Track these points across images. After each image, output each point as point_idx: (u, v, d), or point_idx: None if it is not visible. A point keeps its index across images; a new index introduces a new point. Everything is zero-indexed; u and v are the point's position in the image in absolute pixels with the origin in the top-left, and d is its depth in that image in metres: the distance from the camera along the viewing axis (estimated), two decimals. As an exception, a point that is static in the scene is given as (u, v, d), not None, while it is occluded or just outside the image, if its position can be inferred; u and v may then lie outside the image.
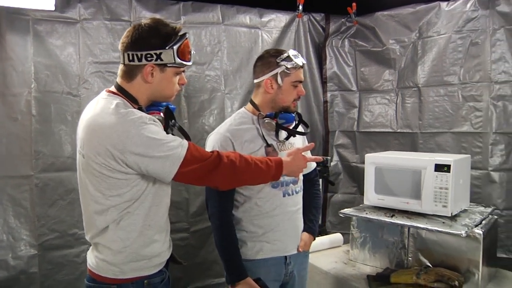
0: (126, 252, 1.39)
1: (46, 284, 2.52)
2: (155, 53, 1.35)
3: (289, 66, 1.68)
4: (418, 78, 2.88)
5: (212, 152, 1.41)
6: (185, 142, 1.35)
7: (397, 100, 3.02)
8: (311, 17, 3.27)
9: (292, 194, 1.80)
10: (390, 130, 3.05)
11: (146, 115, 1.35)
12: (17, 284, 2.45)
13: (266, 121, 1.74)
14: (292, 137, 1.80)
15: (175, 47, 1.36)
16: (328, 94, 3.31)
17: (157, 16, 2.74)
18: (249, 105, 1.83)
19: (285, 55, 1.70)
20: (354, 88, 3.25)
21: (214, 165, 1.38)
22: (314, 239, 1.94)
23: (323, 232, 3.10)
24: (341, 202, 3.27)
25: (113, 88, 1.43)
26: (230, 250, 1.71)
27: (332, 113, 3.32)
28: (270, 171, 1.50)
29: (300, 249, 1.85)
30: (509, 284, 1.99)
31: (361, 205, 2.32)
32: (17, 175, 2.46)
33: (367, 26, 3.14)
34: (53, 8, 2.48)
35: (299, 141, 1.88)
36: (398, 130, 3.01)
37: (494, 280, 2.03)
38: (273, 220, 1.75)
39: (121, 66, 1.42)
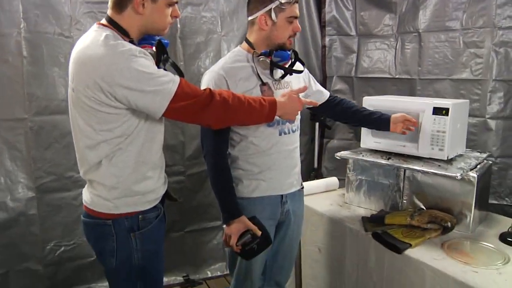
0: (120, 188, 1.40)
1: (46, 225, 2.56)
2: None
3: (283, 1, 1.64)
4: (419, 23, 2.81)
5: (205, 89, 1.38)
6: (177, 78, 1.33)
7: (396, 45, 2.96)
8: (311, -42, 3.14)
9: (289, 132, 1.80)
10: (389, 76, 3.01)
11: (137, 47, 1.32)
12: (17, 225, 2.49)
13: (261, 59, 1.70)
14: (288, 75, 1.78)
15: None
16: (327, 39, 3.24)
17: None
18: (244, 44, 1.78)
19: None
20: (353, 32, 3.17)
21: (206, 102, 1.36)
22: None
23: (318, 176, 3.15)
24: (337, 148, 3.25)
25: (103, 21, 1.39)
26: (224, 188, 1.72)
27: (330, 58, 3.27)
28: (263, 111, 1.49)
29: (411, 129, 1.94)
30: (498, 225, 2.04)
31: (358, 148, 2.33)
32: (11, 118, 2.43)
33: (368, -33, 3.02)
34: None
35: (296, 80, 1.85)
36: (397, 76, 2.97)
37: (485, 222, 2.08)
38: (269, 158, 1.76)
39: None
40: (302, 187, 1.97)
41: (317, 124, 3.15)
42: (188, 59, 2.81)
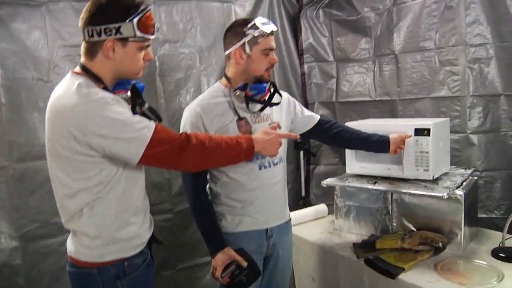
0: (103, 236, 1.38)
1: (32, 275, 2.47)
2: (114, 27, 1.30)
3: (256, 34, 1.65)
4: (395, 45, 2.86)
5: (181, 134, 1.38)
6: (152, 124, 1.32)
7: (374, 68, 3.01)
8: (284, -12, 3.21)
9: (269, 166, 1.79)
10: (369, 99, 3.04)
11: (110, 95, 1.31)
12: (1, 277, 2.40)
13: (237, 93, 1.70)
14: (268, 107, 1.77)
15: (135, 20, 1.31)
16: (305, 66, 3.28)
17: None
18: (223, 79, 1.79)
19: (252, 23, 1.66)
20: (331, 58, 3.22)
21: (182, 147, 1.34)
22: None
23: (307, 204, 3.12)
24: (324, 174, 3.26)
25: (77, 69, 1.39)
26: (207, 222, 1.71)
27: (310, 85, 3.30)
28: (241, 151, 1.47)
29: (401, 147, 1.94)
30: (489, 240, 2.04)
31: (343, 174, 2.33)
32: (-9, 167, 2.38)
33: (341, -6, 3.09)
34: (14, -10, 2.38)
35: (277, 111, 1.85)
36: (377, 98, 3.01)
37: (476, 239, 2.07)
38: (251, 193, 1.74)
39: (83, 44, 1.37)
40: (289, 219, 1.95)
41: (301, 152, 3.14)
42: (169, 96, 2.81)
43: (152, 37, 1.38)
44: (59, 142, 1.29)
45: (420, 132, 1.97)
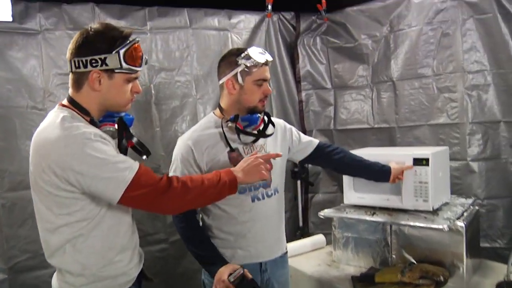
0: (87, 274, 1.32)
1: (19, 308, 2.40)
2: (100, 58, 1.28)
3: (248, 65, 1.61)
4: (392, 72, 2.85)
5: (162, 177, 1.31)
6: (135, 165, 1.27)
7: (372, 95, 2.99)
8: (281, 16, 3.21)
9: (263, 198, 1.73)
10: (367, 126, 3.01)
11: (93, 130, 1.27)
12: (-13, 312, 2.33)
13: (229, 125, 1.66)
14: (262, 138, 1.73)
15: (121, 51, 1.29)
16: (303, 94, 3.26)
17: (122, 23, 2.67)
18: (217, 109, 1.76)
19: (245, 53, 1.63)
20: (329, 85, 3.21)
21: (163, 191, 1.29)
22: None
23: (305, 234, 3.05)
24: (322, 202, 3.21)
25: (65, 101, 1.36)
26: (201, 245, 1.65)
27: (308, 112, 3.28)
28: (223, 186, 1.40)
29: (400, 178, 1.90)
30: (493, 273, 1.97)
31: (341, 204, 2.27)
32: (-18, 198, 2.33)
33: (338, 22, 3.10)
34: (10, 19, 2.38)
35: (272, 141, 1.79)
36: (375, 126, 2.98)
37: (479, 272, 2.00)
38: (243, 226, 1.69)
39: (70, 75, 1.34)
40: (286, 252, 1.88)
41: (298, 181, 3.08)
42: (165, 124, 2.78)
43: (139, 69, 1.35)
44: (41, 176, 1.25)
45: (419, 161, 1.92)
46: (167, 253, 2.83)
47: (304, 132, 3.23)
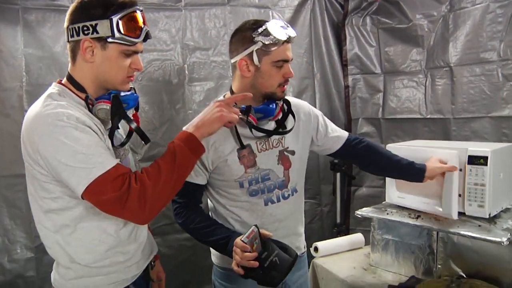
0: (74, 268, 1.21)
1: (45, 288, 2.39)
2: (91, 25, 1.13)
3: (266, 42, 1.35)
4: (450, 57, 2.54)
5: (124, 181, 1.11)
6: (109, 164, 1.10)
7: (426, 82, 2.69)
8: (328, -7, 2.97)
9: (278, 201, 1.52)
10: (419, 116, 2.72)
11: (72, 113, 1.11)
12: (13, 289, 2.33)
13: (240, 116, 1.38)
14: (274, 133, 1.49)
15: (114, 18, 1.14)
16: (350, 78, 3.01)
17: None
18: (228, 94, 1.53)
19: (263, 27, 1.37)
20: (378, 70, 2.93)
21: (123, 199, 1.10)
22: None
23: (342, 232, 2.83)
24: (366, 197, 2.99)
25: (65, 78, 1.24)
26: (209, 232, 1.43)
27: (355, 99, 3.02)
28: (183, 154, 1.18)
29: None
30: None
31: (383, 202, 2.04)
32: (11, 175, 2.30)
33: (391, 0, 2.80)
34: (42, -5, 2.32)
35: (294, 133, 1.55)
36: (428, 116, 2.68)
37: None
38: None
39: (67, 46, 1.21)
40: (303, 252, 1.68)
41: (338, 174, 2.84)
42: (198, 106, 2.64)
43: (137, 40, 1.19)
44: (24, 157, 1.17)
45: (475, 160, 1.64)
46: (195, 242, 2.66)
47: (350, 120, 3.01)
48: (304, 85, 2.94)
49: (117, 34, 1.14)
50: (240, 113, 1.34)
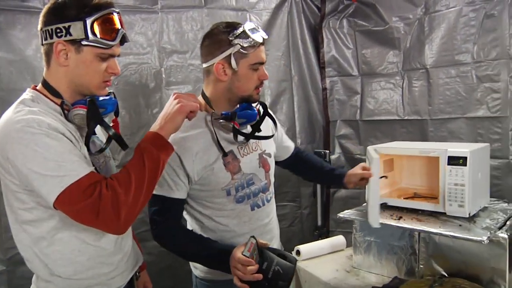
0: (55, 281, 1.16)
1: (17, 302, 2.29)
2: (64, 27, 1.10)
3: (245, 45, 1.35)
4: (426, 59, 2.57)
5: (95, 189, 1.07)
6: (82, 173, 1.06)
7: (403, 84, 2.72)
8: (304, -4, 2.97)
9: (263, 204, 1.52)
10: (397, 118, 2.75)
11: (43, 120, 1.07)
12: (-17, 304, 2.23)
13: (222, 123, 1.40)
14: (257, 133, 1.50)
15: (89, 20, 1.10)
16: (327, 81, 3.02)
17: (131, 1, 2.49)
18: (200, 98, 1.48)
19: (240, 30, 1.36)
20: (356, 72, 2.95)
21: (95, 209, 1.06)
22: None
23: (323, 235, 2.83)
24: (345, 198, 2.99)
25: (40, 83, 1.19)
26: (202, 250, 1.39)
27: (332, 101, 3.03)
28: (153, 156, 1.15)
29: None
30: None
31: (363, 204, 2.04)
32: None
33: (367, 3, 2.82)
34: (11, -4, 2.24)
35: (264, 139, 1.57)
36: (406, 117, 2.71)
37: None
38: (243, 238, 1.46)
39: (41, 49, 1.17)
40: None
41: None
42: (176, 110, 2.60)
43: (113, 43, 1.15)
44: None
45: (455, 160, 1.66)
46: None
47: (328, 123, 3.02)
48: (282, 87, 2.93)
49: (91, 37, 1.11)
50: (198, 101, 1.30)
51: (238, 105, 1.44)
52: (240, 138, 1.44)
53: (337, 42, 2.98)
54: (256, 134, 1.50)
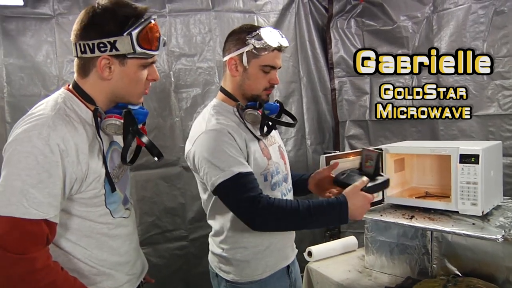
0: None
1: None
2: (109, 42, 1.07)
3: (257, 46, 1.38)
4: (435, 57, 2.56)
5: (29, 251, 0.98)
6: (42, 213, 0.99)
7: (412, 83, 2.70)
8: (312, -3, 2.97)
9: (287, 194, 1.55)
10: (407, 117, 2.72)
11: (48, 135, 1.02)
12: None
13: (248, 112, 1.43)
14: (273, 129, 1.56)
15: (134, 33, 1.07)
16: (336, 81, 3.01)
17: (139, 5, 2.50)
18: (220, 94, 1.51)
19: (256, 32, 1.40)
20: (364, 72, 2.94)
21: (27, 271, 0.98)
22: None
23: (334, 235, 2.82)
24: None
25: (70, 85, 1.17)
26: (310, 207, 1.32)
27: (341, 102, 3.02)
28: None
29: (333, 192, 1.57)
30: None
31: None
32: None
33: (375, 2, 2.82)
34: (22, 3, 2.27)
35: (276, 133, 1.64)
36: (416, 117, 2.69)
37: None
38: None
39: (75, 60, 1.14)
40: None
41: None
42: (185, 113, 2.62)
43: (156, 53, 1.14)
44: None
45: (467, 158, 1.64)
46: (187, 251, 2.68)
47: (337, 123, 3.01)
48: (291, 89, 2.93)
49: (138, 50, 1.08)
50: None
51: (248, 102, 1.48)
52: (260, 130, 1.48)
53: (345, 42, 2.97)
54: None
